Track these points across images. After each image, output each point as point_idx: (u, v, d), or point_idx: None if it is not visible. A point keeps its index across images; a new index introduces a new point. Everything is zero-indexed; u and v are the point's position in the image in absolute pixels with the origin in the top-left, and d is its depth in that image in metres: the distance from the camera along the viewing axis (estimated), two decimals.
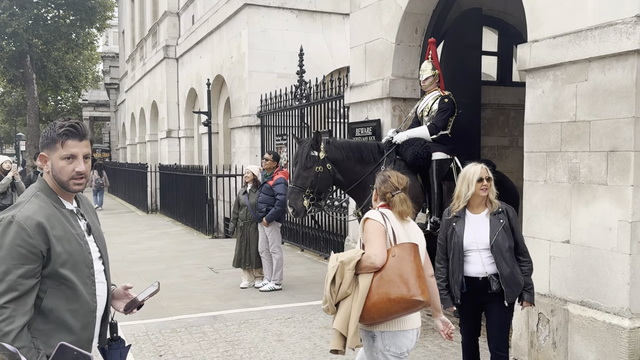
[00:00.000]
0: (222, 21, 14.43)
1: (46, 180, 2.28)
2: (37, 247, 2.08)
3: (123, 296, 2.55)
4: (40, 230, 2.10)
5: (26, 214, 2.12)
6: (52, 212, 2.19)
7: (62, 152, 2.21)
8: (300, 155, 5.54)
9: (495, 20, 8.24)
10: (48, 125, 2.27)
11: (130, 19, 28.95)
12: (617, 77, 4.15)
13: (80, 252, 2.22)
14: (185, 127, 19.31)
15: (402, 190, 3.33)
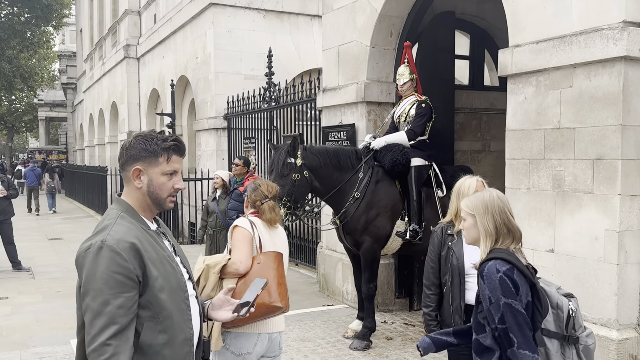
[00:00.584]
0: (186, 20, 14.07)
1: (129, 199, 2.04)
2: (134, 272, 1.86)
3: (224, 303, 2.28)
4: (135, 253, 1.88)
5: (117, 236, 1.89)
6: (141, 234, 1.97)
7: (166, 168, 2.02)
8: (277, 162, 5.31)
9: (467, 24, 8.19)
10: (140, 137, 2.02)
11: (88, 17, 28.12)
12: (603, 83, 4.08)
13: (174, 275, 2.01)
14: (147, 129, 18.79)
15: (271, 198, 3.50)
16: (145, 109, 18.72)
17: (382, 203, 5.57)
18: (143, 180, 2.01)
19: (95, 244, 1.87)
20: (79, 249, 1.91)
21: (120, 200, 2.05)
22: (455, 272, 3.26)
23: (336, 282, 7.36)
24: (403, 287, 6.95)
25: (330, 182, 5.49)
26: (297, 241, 9.65)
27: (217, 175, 7.72)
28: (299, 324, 6.29)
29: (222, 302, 2.28)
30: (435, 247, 3.42)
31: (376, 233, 5.54)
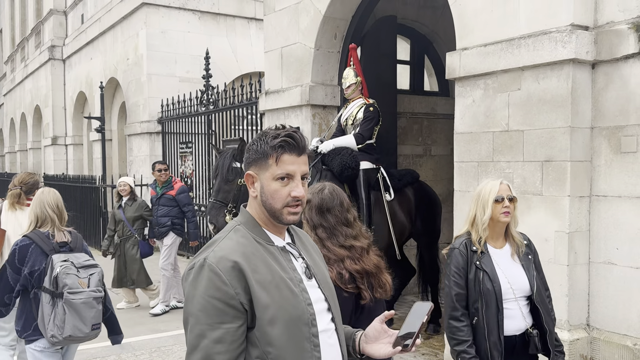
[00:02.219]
0: (116, 20, 13.52)
1: (251, 210, 1.72)
2: (236, 298, 1.51)
3: (381, 334, 1.79)
4: (237, 274, 1.53)
5: (220, 253, 1.56)
6: (254, 250, 1.61)
7: (276, 171, 1.64)
8: (221, 167, 5.08)
9: (408, 29, 8.21)
10: (256, 136, 1.71)
11: (9, 17, 26.63)
12: (551, 86, 4.12)
13: (295, 305, 1.59)
14: (74, 134, 17.95)
15: (20, 187, 4.42)
16: (71, 112, 17.85)
17: None
18: (257, 188, 1.68)
19: (198, 262, 1.57)
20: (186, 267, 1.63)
21: (243, 211, 1.73)
22: (490, 298, 2.71)
23: None
24: None
25: None
26: None
27: (123, 182, 7.37)
28: None
29: (377, 332, 1.80)
30: (461, 267, 2.80)
31: None
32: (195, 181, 10.70)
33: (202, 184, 10.47)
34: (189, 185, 10.95)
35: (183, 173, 11.21)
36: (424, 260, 6.40)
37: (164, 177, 7.31)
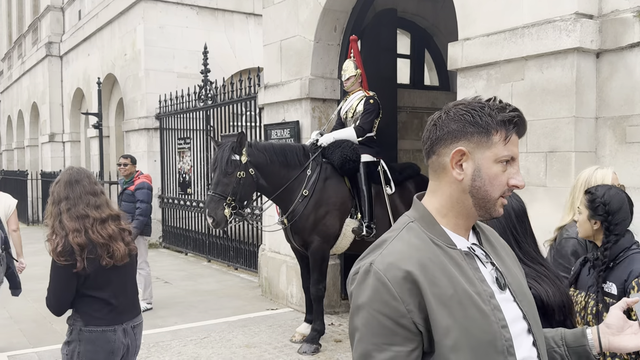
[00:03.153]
0: (114, 16, 13.43)
1: (434, 199, 1.36)
2: (407, 316, 1.22)
3: (624, 323, 1.52)
4: (411, 287, 1.23)
5: (389, 259, 1.26)
6: (431, 256, 1.28)
7: (502, 152, 1.31)
8: (220, 159, 5.00)
9: (408, 22, 8.17)
10: (461, 105, 1.35)
11: (6, 14, 26.49)
12: (555, 75, 4.06)
13: (485, 327, 1.26)
14: (71, 131, 17.85)
15: None
16: (68, 109, 17.76)
17: (331, 201, 5.38)
18: (466, 170, 1.31)
19: (363, 266, 1.28)
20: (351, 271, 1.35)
21: (417, 204, 1.39)
22: None
23: (280, 285, 7.10)
24: None
25: (277, 180, 5.25)
26: (237, 244, 9.31)
27: None
28: (242, 330, 5.99)
29: (621, 322, 1.52)
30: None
31: (325, 232, 5.34)
32: (194, 177, 10.63)
33: (200, 180, 10.40)
34: (187, 181, 10.89)
35: (181, 169, 11.14)
36: None
37: (124, 172, 7.01)
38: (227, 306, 6.99)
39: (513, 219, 2.01)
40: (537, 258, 1.97)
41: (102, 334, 2.87)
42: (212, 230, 10.03)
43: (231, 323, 6.26)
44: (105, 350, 2.87)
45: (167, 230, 11.70)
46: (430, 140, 1.35)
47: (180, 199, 11.08)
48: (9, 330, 6.21)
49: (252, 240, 8.83)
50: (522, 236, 2.00)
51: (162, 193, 11.85)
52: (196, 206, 10.47)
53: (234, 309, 6.84)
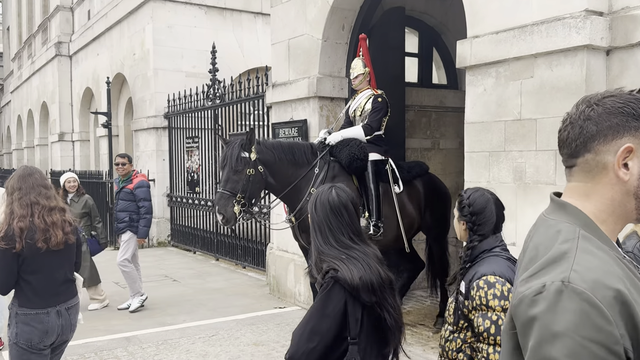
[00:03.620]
0: (123, 16, 13.49)
1: (590, 204, 1.20)
2: (620, 342, 1.03)
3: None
4: (622, 309, 1.04)
5: (590, 275, 1.06)
6: (620, 269, 1.11)
7: None
8: (230, 156, 4.98)
9: (416, 21, 8.13)
10: (613, 98, 1.21)
11: (16, 14, 26.68)
12: (565, 73, 4.04)
13: None
14: (80, 130, 17.96)
15: None
16: (78, 108, 17.87)
17: None
18: (632, 169, 1.16)
19: (551, 285, 1.07)
20: (519, 293, 1.12)
21: (571, 208, 1.20)
22: None
23: (288, 284, 7.11)
24: None
25: (285, 178, 5.24)
26: (244, 243, 9.33)
27: (72, 177, 7.13)
28: (251, 328, 6.00)
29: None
30: None
31: None
32: (202, 176, 10.66)
33: (208, 178, 10.43)
34: (195, 180, 10.92)
35: (190, 168, 11.17)
36: (433, 253, 6.32)
37: (122, 171, 6.95)
38: (235, 304, 7.00)
39: (328, 211, 2.19)
40: (351, 245, 2.17)
41: (36, 316, 3.19)
42: (220, 229, 10.06)
43: (239, 321, 6.27)
44: (40, 330, 3.18)
45: (176, 228, 11.73)
46: (582, 137, 1.20)
47: (189, 198, 11.11)
48: None
49: (260, 238, 8.84)
50: (336, 227, 2.19)
51: (171, 192, 11.89)
52: (204, 205, 10.50)
53: (242, 307, 6.85)
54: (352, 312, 2.04)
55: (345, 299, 2.05)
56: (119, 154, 7.26)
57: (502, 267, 2.30)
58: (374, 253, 2.23)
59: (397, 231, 5.68)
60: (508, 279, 2.25)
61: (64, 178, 7.14)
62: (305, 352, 2.03)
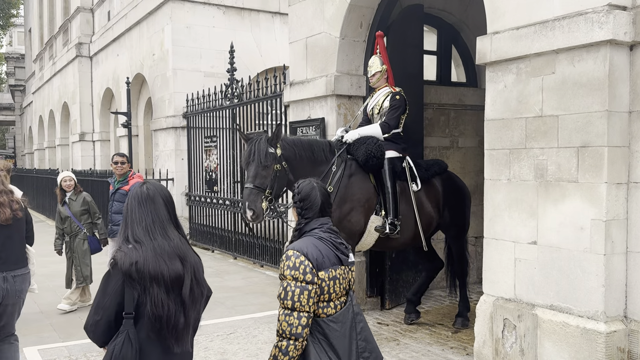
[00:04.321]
0: (142, 16, 13.61)
1: None
2: None
3: None
4: None
5: None
6: None
7: None
8: (257, 151, 4.90)
9: (434, 18, 8.07)
10: None
11: (38, 16, 27.08)
12: (587, 69, 3.97)
13: None
14: (100, 130, 18.15)
15: None
16: (98, 109, 18.06)
17: (356, 197, 5.34)
18: None
19: None
20: None
21: None
22: None
23: None
24: (374, 285, 6.74)
25: (303, 175, 5.20)
26: (262, 242, 9.34)
27: (68, 176, 7.06)
28: (268, 326, 6.00)
29: None
30: None
31: (350, 229, 5.30)
32: (220, 175, 10.70)
33: (226, 177, 10.46)
34: (213, 179, 10.97)
35: (208, 167, 11.22)
36: (452, 253, 6.27)
37: (120, 171, 6.82)
38: (253, 303, 7.01)
39: (135, 204, 2.47)
40: (148, 237, 2.41)
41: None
42: (238, 228, 10.09)
43: (257, 319, 6.27)
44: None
45: (194, 227, 11.79)
46: None
47: (207, 197, 11.16)
48: (39, 324, 6.32)
49: (278, 237, 8.84)
50: (139, 218, 2.45)
51: (189, 191, 11.96)
52: (222, 204, 10.54)
53: (260, 306, 6.86)
54: (129, 291, 2.32)
55: (123, 280, 2.33)
56: (117, 153, 7.18)
57: (306, 244, 2.61)
58: (173, 249, 2.43)
59: (415, 230, 5.64)
60: (305, 254, 2.55)
61: (61, 177, 7.10)
62: (92, 324, 2.37)
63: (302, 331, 2.50)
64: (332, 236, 2.70)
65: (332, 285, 2.59)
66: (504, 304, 4.54)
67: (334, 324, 2.58)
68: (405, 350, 5.27)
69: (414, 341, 5.53)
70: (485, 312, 4.70)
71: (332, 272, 2.59)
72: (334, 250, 2.66)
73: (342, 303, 2.66)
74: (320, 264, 2.57)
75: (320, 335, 2.57)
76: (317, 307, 2.58)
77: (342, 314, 2.62)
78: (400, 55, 7.00)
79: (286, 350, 2.50)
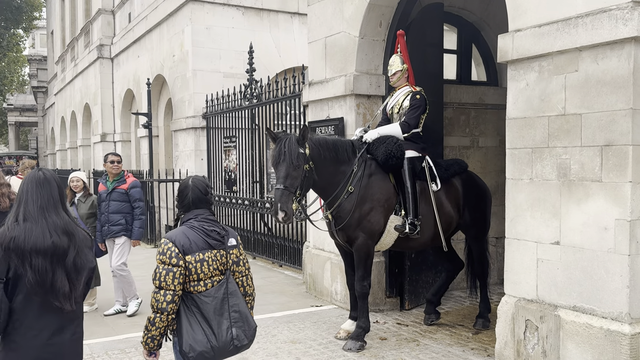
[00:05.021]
0: (162, 18, 13.71)
1: None
2: None
3: None
4: None
5: None
6: None
7: None
8: (288, 151, 4.87)
9: (454, 17, 8.01)
10: None
11: (60, 18, 27.46)
12: (611, 66, 3.91)
13: None
14: (122, 131, 18.33)
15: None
16: (119, 110, 18.24)
17: (375, 197, 5.33)
18: None
19: None
20: None
21: None
22: None
23: (324, 282, 7.09)
24: (394, 286, 6.71)
25: (326, 175, 5.21)
26: (281, 241, 9.36)
27: (76, 177, 6.89)
28: (287, 326, 6.00)
29: None
30: None
31: (370, 228, 5.29)
32: (239, 175, 10.74)
33: (245, 178, 10.50)
34: (232, 179, 11.02)
35: (227, 167, 11.28)
36: (472, 253, 6.21)
37: (117, 170, 6.73)
38: (272, 302, 7.02)
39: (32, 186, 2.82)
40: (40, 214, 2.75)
41: None
42: (257, 228, 10.12)
43: (276, 319, 6.28)
44: None
45: None
46: None
47: (226, 197, 11.22)
48: None
49: (295, 237, 8.85)
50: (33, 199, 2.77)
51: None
52: (241, 204, 10.58)
53: (279, 305, 6.87)
54: (5, 259, 2.65)
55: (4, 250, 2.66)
56: (113, 152, 7.06)
57: (176, 232, 3.08)
58: (64, 225, 2.79)
59: (435, 230, 5.61)
60: (173, 241, 3.01)
61: (69, 177, 6.97)
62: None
63: (167, 306, 2.94)
64: (204, 225, 3.10)
65: (199, 267, 3.00)
66: (526, 305, 4.49)
67: (206, 298, 2.99)
68: (425, 351, 5.24)
69: (434, 342, 5.49)
70: (506, 313, 4.65)
71: (199, 255, 3.00)
72: (204, 237, 3.05)
73: (214, 282, 3.05)
74: (187, 249, 2.99)
75: (195, 309, 2.99)
76: (188, 285, 3.00)
77: (215, 290, 3.03)
78: (419, 54, 6.95)
79: (154, 321, 2.97)
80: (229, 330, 3.00)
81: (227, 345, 3.00)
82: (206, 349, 2.95)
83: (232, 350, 3.04)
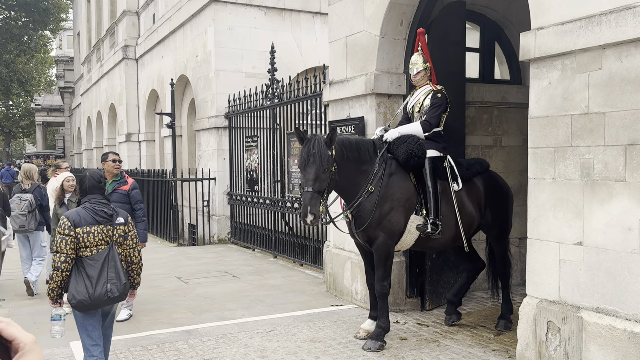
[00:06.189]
0: (186, 19, 13.85)
1: None
2: None
3: None
4: None
5: None
6: None
7: None
8: (318, 154, 4.87)
9: (477, 15, 7.94)
10: None
11: (86, 19, 27.91)
12: (636, 64, 3.83)
13: None
14: (146, 131, 18.55)
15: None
16: (144, 110, 18.47)
17: (396, 197, 5.30)
18: None
19: None
20: None
21: None
22: None
23: (345, 282, 7.09)
24: (414, 286, 6.67)
25: (348, 175, 5.21)
26: (302, 241, 9.38)
27: (71, 177, 6.76)
28: (307, 325, 6.02)
29: None
30: None
31: (390, 228, 5.27)
32: (261, 174, 10.79)
33: (267, 177, 10.55)
34: (254, 178, 11.08)
35: (249, 167, 11.34)
36: (493, 253, 6.15)
37: (117, 170, 6.55)
38: (293, 301, 7.05)
39: None
40: None
41: None
42: (278, 227, 10.16)
43: (296, 317, 6.30)
44: None
45: (235, 226, 11.94)
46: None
47: (248, 196, 11.28)
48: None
49: (316, 236, 8.86)
50: None
51: (231, 190, 12.12)
52: (263, 203, 10.63)
53: (299, 304, 6.89)
54: None
55: None
56: (113, 151, 6.89)
57: (72, 212, 4.00)
58: None
59: (456, 230, 5.57)
60: (67, 217, 3.91)
61: (63, 177, 6.82)
62: None
63: (61, 265, 3.83)
64: (95, 206, 4.00)
65: (86, 237, 3.87)
66: (548, 306, 4.43)
67: (91, 261, 3.88)
68: (445, 351, 5.21)
69: (454, 343, 5.46)
70: (528, 314, 4.60)
71: (86, 228, 3.88)
72: (92, 215, 3.94)
73: (99, 249, 3.92)
74: (77, 223, 3.87)
75: (82, 269, 3.88)
76: (80, 251, 3.87)
77: (98, 255, 3.91)
78: (441, 52, 6.91)
79: (52, 277, 3.86)
80: (104, 285, 3.87)
81: (102, 296, 3.87)
82: (84, 297, 3.83)
83: (106, 301, 3.91)
